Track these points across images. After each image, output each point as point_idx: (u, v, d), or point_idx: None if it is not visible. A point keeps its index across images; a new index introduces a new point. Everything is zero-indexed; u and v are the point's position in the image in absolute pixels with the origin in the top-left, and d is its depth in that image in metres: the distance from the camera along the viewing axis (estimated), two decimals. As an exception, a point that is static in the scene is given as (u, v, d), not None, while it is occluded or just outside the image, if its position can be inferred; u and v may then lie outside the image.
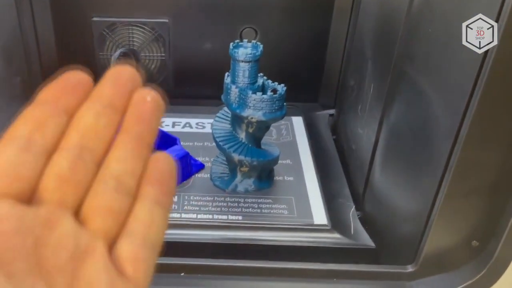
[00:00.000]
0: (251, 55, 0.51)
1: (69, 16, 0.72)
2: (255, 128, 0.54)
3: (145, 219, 0.20)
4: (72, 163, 0.19)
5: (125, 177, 0.19)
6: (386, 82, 0.49)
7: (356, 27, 0.61)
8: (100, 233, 0.18)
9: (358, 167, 0.58)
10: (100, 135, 0.20)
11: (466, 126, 0.37)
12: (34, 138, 0.19)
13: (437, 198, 0.41)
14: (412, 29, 0.44)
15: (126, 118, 0.21)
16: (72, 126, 0.20)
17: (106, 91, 0.21)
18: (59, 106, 0.20)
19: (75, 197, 0.18)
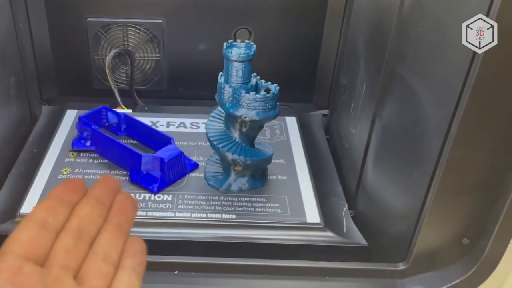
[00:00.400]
0: (244, 55, 0.51)
1: (64, 17, 0.72)
2: (248, 128, 0.54)
3: (125, 282, 0.28)
4: (74, 240, 0.27)
5: (111, 251, 0.28)
6: (378, 81, 0.49)
7: (349, 27, 0.62)
8: None
9: (351, 166, 0.58)
10: (93, 221, 0.28)
11: (456, 125, 0.38)
12: (48, 220, 0.27)
13: (428, 196, 0.42)
14: (403, 29, 0.45)
15: (112, 211, 0.30)
16: (74, 214, 0.28)
17: (98, 192, 0.30)
18: (66, 200, 0.28)
19: (76, 263, 0.27)
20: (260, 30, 0.73)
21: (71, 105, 0.72)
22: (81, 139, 0.63)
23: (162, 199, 0.56)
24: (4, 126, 0.61)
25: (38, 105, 0.73)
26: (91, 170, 0.60)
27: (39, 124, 0.70)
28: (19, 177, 0.60)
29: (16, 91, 0.64)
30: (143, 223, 0.53)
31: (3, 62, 0.60)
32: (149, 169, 0.58)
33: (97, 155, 0.62)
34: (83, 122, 0.63)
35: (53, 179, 0.58)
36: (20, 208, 0.54)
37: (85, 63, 0.75)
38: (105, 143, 0.61)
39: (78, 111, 0.70)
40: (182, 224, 0.53)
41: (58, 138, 0.65)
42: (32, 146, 0.65)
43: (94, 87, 0.77)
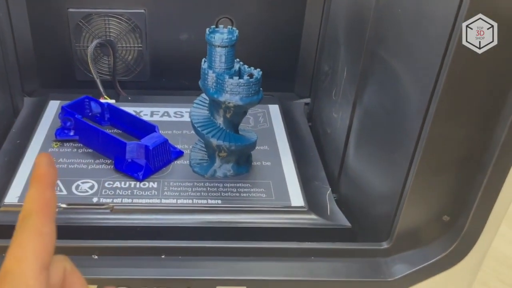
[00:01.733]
0: (227, 40, 0.52)
1: (45, 7, 0.72)
2: (232, 113, 0.55)
3: None
4: None
5: None
6: (358, 65, 0.50)
7: (329, 14, 0.63)
8: None
9: (333, 151, 0.59)
10: None
11: (435, 103, 0.39)
12: None
13: (409, 176, 0.43)
14: (382, 11, 0.46)
15: None
16: None
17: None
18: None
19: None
20: (242, 19, 0.74)
21: (53, 96, 0.72)
22: (64, 129, 0.63)
23: (148, 187, 0.56)
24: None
25: (20, 97, 0.72)
26: (75, 159, 0.60)
27: (22, 116, 0.69)
28: (3, 167, 0.59)
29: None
30: (129, 210, 0.53)
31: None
32: (134, 157, 0.58)
33: (81, 145, 0.62)
34: (66, 112, 0.63)
35: (37, 169, 0.58)
36: (4, 198, 0.54)
37: (67, 54, 0.75)
38: (88, 132, 0.61)
39: (61, 102, 0.70)
40: (168, 210, 0.54)
41: (41, 128, 0.65)
42: (14, 137, 0.65)
43: (76, 79, 0.77)
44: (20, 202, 0.53)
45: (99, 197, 0.54)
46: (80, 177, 0.57)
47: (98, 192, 0.55)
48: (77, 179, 0.57)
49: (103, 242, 0.49)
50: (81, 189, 0.55)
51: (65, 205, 0.53)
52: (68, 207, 0.53)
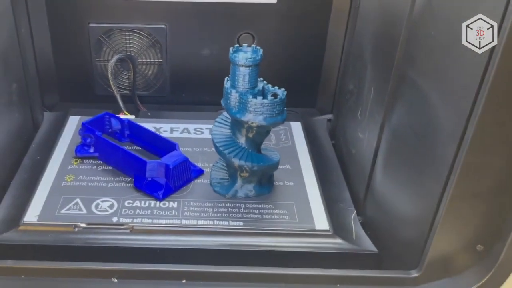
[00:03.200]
0: (251, 59, 0.50)
1: (66, 22, 0.72)
2: (255, 133, 0.54)
3: None
4: None
5: None
6: (387, 85, 0.49)
7: (355, 31, 0.61)
8: None
9: (359, 172, 0.58)
10: None
11: (471, 130, 0.37)
12: None
13: (442, 201, 0.41)
14: (413, 32, 0.44)
15: None
16: None
17: None
18: None
19: None
20: (263, 34, 0.73)
21: (73, 111, 0.71)
22: (84, 146, 0.62)
23: (168, 206, 0.55)
24: (6, 133, 0.60)
25: (40, 112, 0.72)
26: (95, 177, 0.59)
27: (41, 131, 0.69)
28: (22, 184, 0.59)
29: (18, 97, 0.63)
30: (149, 230, 0.52)
31: (5, 68, 0.59)
32: (154, 175, 0.57)
33: (101, 162, 0.61)
34: (86, 129, 0.62)
35: (57, 186, 0.57)
36: (23, 217, 0.53)
37: (87, 69, 0.75)
38: (109, 149, 0.60)
39: (81, 117, 0.69)
40: (188, 232, 0.52)
41: (61, 144, 0.64)
42: (34, 153, 0.64)
43: (96, 93, 0.76)
44: (40, 221, 0.53)
45: (119, 216, 0.53)
46: (100, 196, 0.56)
47: (118, 212, 0.54)
48: (97, 197, 0.56)
49: (123, 265, 0.48)
50: (101, 208, 0.54)
51: (85, 225, 0.53)
52: (87, 226, 0.52)
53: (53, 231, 0.52)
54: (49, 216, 0.53)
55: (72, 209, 0.54)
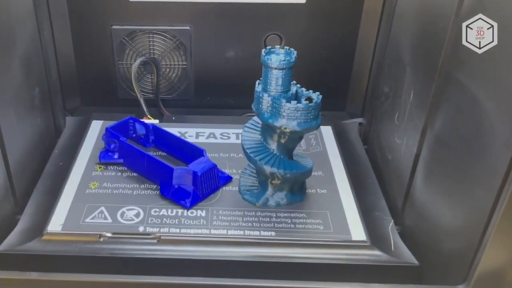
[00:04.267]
0: (285, 62, 0.48)
1: (88, 25, 0.70)
2: (287, 139, 0.51)
3: None
4: None
5: None
6: (430, 88, 0.46)
7: (390, 32, 0.58)
8: None
9: (396, 179, 0.55)
10: None
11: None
12: None
13: (494, 213, 0.38)
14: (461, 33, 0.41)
15: None
16: None
17: None
18: None
19: None
20: (291, 35, 0.70)
21: (96, 115, 0.70)
22: (108, 152, 0.60)
23: (196, 215, 0.53)
24: (29, 138, 0.59)
25: (62, 116, 0.70)
26: (119, 184, 0.57)
27: (64, 136, 0.67)
28: (45, 192, 0.57)
29: (40, 102, 0.61)
30: (176, 240, 0.50)
31: (28, 71, 0.57)
32: (181, 183, 0.55)
33: (126, 168, 0.59)
34: (110, 134, 0.60)
35: (80, 194, 0.55)
36: (47, 225, 0.51)
37: (109, 72, 0.73)
38: (134, 155, 0.58)
39: (104, 122, 0.68)
40: (218, 242, 0.50)
41: (84, 150, 0.63)
42: (57, 159, 0.63)
43: (118, 97, 0.74)
44: (64, 230, 0.51)
45: (145, 225, 0.51)
46: (126, 204, 0.54)
47: (144, 220, 0.52)
48: (122, 205, 0.54)
49: (150, 278, 0.45)
50: (127, 217, 0.52)
51: (110, 234, 0.50)
52: (113, 236, 0.50)
53: (78, 241, 0.50)
54: (74, 225, 0.51)
55: (97, 217, 0.52)
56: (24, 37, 0.56)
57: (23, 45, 0.56)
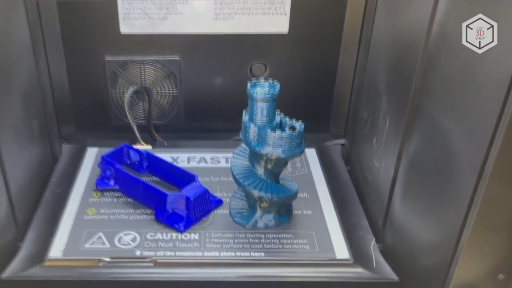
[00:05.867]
0: (269, 95, 0.52)
1: (82, 56, 0.73)
2: (274, 165, 0.55)
3: None
4: None
5: None
6: (402, 117, 0.50)
7: (367, 60, 0.62)
8: None
9: (376, 199, 0.58)
10: None
11: (490, 164, 0.38)
12: None
13: (463, 232, 0.42)
14: (429, 66, 0.45)
15: None
16: None
17: None
18: None
19: None
20: (275, 63, 0.74)
21: (91, 142, 0.73)
22: (104, 179, 0.64)
23: (190, 238, 0.56)
24: (28, 168, 0.62)
25: (58, 144, 0.73)
26: (116, 210, 0.60)
27: (61, 164, 0.70)
28: (45, 219, 0.60)
29: (38, 132, 0.64)
30: (172, 263, 0.53)
31: (27, 105, 0.60)
32: (175, 208, 0.58)
33: (121, 194, 0.62)
34: (106, 162, 0.64)
35: (79, 220, 0.58)
36: (48, 252, 0.54)
37: (103, 100, 0.76)
38: (129, 182, 0.62)
39: (99, 149, 0.71)
40: (211, 264, 0.53)
41: (81, 177, 0.66)
42: (55, 186, 0.65)
43: (112, 123, 0.77)
44: (65, 256, 0.54)
45: (142, 250, 0.54)
46: (122, 229, 0.57)
47: (141, 245, 0.55)
48: (119, 230, 0.57)
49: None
50: (124, 242, 0.55)
51: (109, 259, 0.53)
52: (112, 260, 0.53)
53: (78, 266, 0.53)
54: (74, 251, 0.54)
55: (96, 243, 0.55)
56: (23, 73, 0.59)
57: (22, 81, 0.59)
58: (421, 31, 0.46)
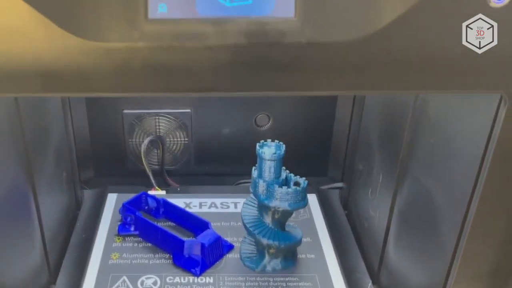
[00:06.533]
0: (276, 155, 0.59)
1: (103, 109, 0.80)
2: (280, 215, 0.62)
3: None
4: None
5: None
6: (393, 175, 0.57)
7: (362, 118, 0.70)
8: None
9: (372, 244, 0.65)
10: None
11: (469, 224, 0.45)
12: None
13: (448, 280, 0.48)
14: (414, 137, 0.53)
15: None
16: None
17: None
18: None
19: None
20: (278, 115, 0.82)
21: (111, 188, 0.79)
22: (125, 224, 0.70)
23: (205, 282, 0.62)
24: (58, 215, 0.68)
25: (80, 190, 0.80)
26: (137, 254, 0.66)
27: (84, 209, 0.77)
28: (73, 263, 0.66)
29: (66, 184, 0.71)
30: (190, 305, 0.60)
31: (58, 161, 0.67)
32: (191, 253, 0.64)
33: (141, 239, 0.69)
34: (127, 209, 0.70)
35: (105, 264, 0.65)
36: (79, 296, 0.60)
37: (120, 149, 0.83)
38: (148, 228, 0.68)
39: (118, 195, 0.77)
40: (225, 305, 0.60)
41: (103, 223, 0.72)
42: (80, 231, 0.72)
43: (129, 169, 0.84)
44: (94, 300, 0.60)
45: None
46: (144, 272, 0.63)
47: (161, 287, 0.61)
48: (141, 274, 0.63)
49: None
50: (146, 285, 0.62)
51: (133, 301, 0.60)
52: (136, 303, 0.60)
53: (106, 308, 0.60)
54: (102, 294, 0.61)
55: (121, 286, 0.61)
56: (55, 132, 0.66)
57: (54, 139, 0.66)
58: (407, 107, 0.53)
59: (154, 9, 0.35)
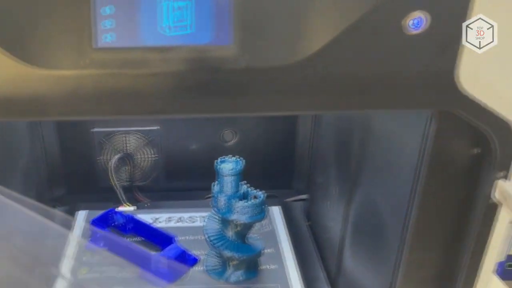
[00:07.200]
0: (233, 170, 0.62)
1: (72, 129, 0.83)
2: (240, 228, 0.64)
3: None
4: None
5: None
6: (346, 188, 0.60)
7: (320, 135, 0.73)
8: None
9: (331, 254, 0.68)
10: None
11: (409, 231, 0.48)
12: None
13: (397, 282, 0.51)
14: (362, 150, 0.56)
15: None
16: None
17: None
18: None
19: None
20: (243, 130, 0.85)
21: (80, 205, 0.81)
22: (95, 240, 0.72)
23: (170, 294, 0.65)
24: (26, 234, 0.70)
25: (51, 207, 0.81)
26: (106, 267, 0.68)
27: (54, 227, 0.78)
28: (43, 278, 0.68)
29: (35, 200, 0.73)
30: (155, 317, 0.62)
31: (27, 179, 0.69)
32: (157, 267, 0.67)
33: (110, 254, 0.71)
34: (95, 225, 0.72)
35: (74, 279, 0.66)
36: (47, 310, 0.62)
37: (90, 166, 0.85)
38: (116, 244, 0.70)
39: (88, 212, 0.79)
40: (190, 317, 0.62)
41: (73, 239, 0.74)
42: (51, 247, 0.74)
43: (99, 185, 0.86)
44: (61, 314, 0.62)
45: (129, 305, 0.63)
46: (112, 285, 0.65)
47: (128, 301, 0.63)
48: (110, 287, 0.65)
49: None
50: (113, 298, 0.64)
51: (100, 315, 0.62)
52: (102, 316, 0.62)
53: (73, 322, 0.61)
54: (69, 309, 0.62)
55: (88, 300, 0.64)
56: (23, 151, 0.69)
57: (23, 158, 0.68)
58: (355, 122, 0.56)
59: (100, 38, 0.38)
